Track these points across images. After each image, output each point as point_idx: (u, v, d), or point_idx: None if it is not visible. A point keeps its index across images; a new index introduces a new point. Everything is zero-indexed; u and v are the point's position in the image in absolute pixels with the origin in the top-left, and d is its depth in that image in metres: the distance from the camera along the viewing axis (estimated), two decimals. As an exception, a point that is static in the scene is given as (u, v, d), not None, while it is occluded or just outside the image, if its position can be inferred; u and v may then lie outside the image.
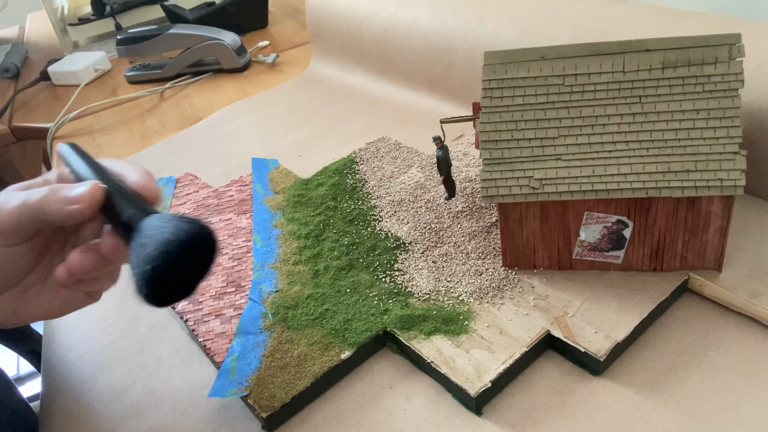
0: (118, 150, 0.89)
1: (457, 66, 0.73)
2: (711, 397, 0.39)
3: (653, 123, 0.42)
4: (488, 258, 0.50)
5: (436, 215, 0.56)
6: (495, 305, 0.46)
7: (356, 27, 0.87)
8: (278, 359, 0.45)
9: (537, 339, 0.43)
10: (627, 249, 0.46)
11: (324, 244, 0.55)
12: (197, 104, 0.98)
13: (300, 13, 1.31)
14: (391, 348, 0.47)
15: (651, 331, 0.44)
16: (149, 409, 0.46)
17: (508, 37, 0.66)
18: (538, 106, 0.44)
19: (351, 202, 0.60)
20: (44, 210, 0.36)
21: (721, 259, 0.45)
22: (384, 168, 0.65)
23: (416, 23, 0.77)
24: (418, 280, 0.49)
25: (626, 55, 0.42)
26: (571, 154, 0.43)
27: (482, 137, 0.45)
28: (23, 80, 1.23)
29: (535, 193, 0.44)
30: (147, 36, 1.08)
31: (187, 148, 0.82)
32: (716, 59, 0.41)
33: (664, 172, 0.41)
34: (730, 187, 0.40)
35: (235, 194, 0.66)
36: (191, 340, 0.51)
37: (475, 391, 0.40)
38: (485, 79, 0.45)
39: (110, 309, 0.57)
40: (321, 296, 0.50)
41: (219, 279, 0.54)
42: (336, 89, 0.89)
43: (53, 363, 0.53)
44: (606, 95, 0.43)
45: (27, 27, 1.67)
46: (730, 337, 0.42)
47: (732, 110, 0.41)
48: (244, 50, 1.08)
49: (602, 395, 0.40)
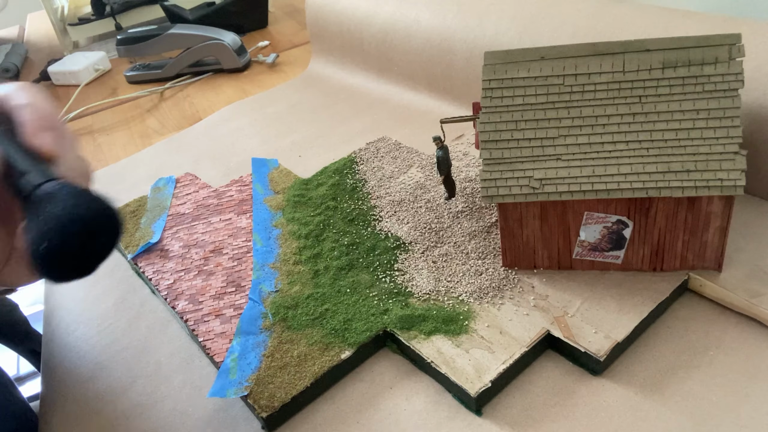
0: (118, 150, 0.89)
1: (457, 66, 0.73)
2: (711, 397, 0.39)
3: (653, 123, 0.42)
4: (488, 258, 0.50)
5: (436, 215, 0.56)
6: (495, 305, 0.46)
7: (356, 27, 0.87)
8: (278, 359, 0.45)
9: (537, 339, 0.43)
10: (627, 249, 0.46)
11: (324, 244, 0.55)
12: (197, 104, 0.98)
13: (300, 13, 1.31)
14: (391, 348, 0.47)
15: (651, 331, 0.44)
16: (149, 409, 0.46)
17: (508, 38, 0.66)
18: (538, 106, 0.44)
19: (351, 202, 0.60)
20: None
21: (721, 259, 0.45)
22: (384, 168, 0.65)
23: (416, 23, 0.77)
24: (418, 280, 0.49)
25: (626, 55, 0.42)
26: (571, 154, 0.43)
27: (482, 137, 0.45)
28: (23, 80, 1.23)
29: (535, 193, 0.44)
30: (147, 36, 1.08)
31: (187, 148, 0.82)
32: (716, 59, 0.41)
33: (664, 172, 0.41)
34: (730, 187, 0.40)
35: (235, 194, 0.66)
36: (191, 340, 0.51)
37: (475, 391, 0.40)
38: (485, 79, 0.45)
39: (110, 309, 0.57)
40: (321, 296, 0.50)
41: (219, 279, 0.54)
42: (336, 89, 0.89)
43: (53, 363, 0.53)
44: (606, 95, 0.43)
45: (27, 27, 1.67)
46: (730, 337, 0.42)
47: (732, 110, 0.41)
48: (244, 50, 1.08)
49: (602, 395, 0.40)
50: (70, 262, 0.30)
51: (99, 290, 0.60)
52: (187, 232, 0.61)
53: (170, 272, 0.56)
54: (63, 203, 0.30)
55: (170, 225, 0.63)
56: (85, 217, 0.30)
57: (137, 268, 0.59)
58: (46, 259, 0.29)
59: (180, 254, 0.58)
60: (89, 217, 0.30)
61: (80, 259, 0.30)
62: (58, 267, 0.30)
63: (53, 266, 0.30)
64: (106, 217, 0.31)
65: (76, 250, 0.30)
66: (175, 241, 0.60)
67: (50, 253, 0.29)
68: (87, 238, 0.30)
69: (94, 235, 0.30)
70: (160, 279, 0.56)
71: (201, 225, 0.62)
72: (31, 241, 0.29)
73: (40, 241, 0.29)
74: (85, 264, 0.31)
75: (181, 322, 0.52)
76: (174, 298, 0.53)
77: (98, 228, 0.30)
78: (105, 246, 0.31)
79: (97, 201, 0.31)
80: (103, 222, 0.31)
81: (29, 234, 0.29)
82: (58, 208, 0.29)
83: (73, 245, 0.29)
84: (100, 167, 0.84)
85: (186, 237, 0.60)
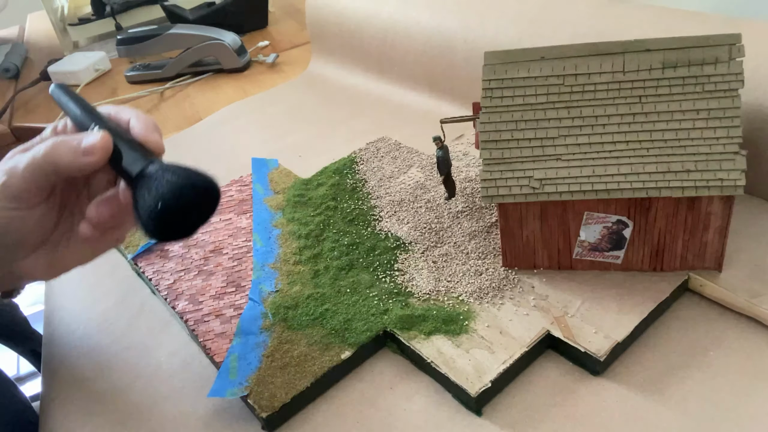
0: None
1: (457, 66, 0.73)
2: (711, 397, 0.39)
3: (653, 123, 0.42)
4: (488, 258, 0.50)
5: (436, 215, 0.56)
6: (495, 305, 0.46)
7: (356, 27, 0.87)
8: (278, 359, 0.45)
9: (537, 339, 0.43)
10: (627, 249, 0.46)
11: (324, 244, 0.55)
12: (197, 104, 0.98)
13: (300, 13, 1.31)
14: (391, 348, 0.47)
15: (651, 331, 0.44)
16: (149, 409, 0.46)
17: (508, 38, 0.66)
18: (538, 106, 0.44)
19: (351, 202, 0.60)
20: (56, 163, 0.37)
21: (721, 259, 0.45)
22: (384, 168, 0.65)
23: (416, 23, 0.77)
24: (418, 280, 0.49)
25: (626, 55, 0.42)
26: (571, 154, 0.43)
27: (482, 137, 0.45)
28: (23, 80, 1.23)
29: (535, 193, 0.44)
30: (147, 36, 1.08)
31: (187, 148, 0.82)
32: (716, 59, 0.41)
33: (664, 172, 0.41)
34: (730, 187, 0.40)
35: (235, 194, 0.66)
36: (191, 340, 0.52)
37: (475, 391, 0.40)
38: (485, 79, 0.45)
39: (110, 309, 0.57)
40: (321, 296, 0.50)
41: (219, 279, 0.54)
42: (336, 89, 0.89)
43: (53, 363, 0.53)
44: (606, 95, 0.43)
45: (27, 27, 1.67)
46: (730, 337, 0.42)
47: (732, 110, 0.41)
48: (244, 50, 1.08)
49: (602, 395, 0.40)
50: (180, 221, 0.35)
51: (99, 290, 0.60)
52: (187, 232, 0.61)
53: (170, 272, 0.56)
54: (176, 174, 0.34)
55: (170, 225, 0.63)
56: (196, 183, 0.35)
57: (137, 268, 0.59)
58: (161, 218, 0.34)
59: (180, 254, 0.58)
60: (198, 184, 0.35)
61: (189, 220, 0.35)
62: (171, 225, 0.35)
63: (166, 225, 0.34)
64: (211, 187, 0.36)
65: (188, 211, 0.35)
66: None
67: (166, 210, 0.33)
68: (196, 202, 0.35)
69: (201, 200, 0.35)
70: (160, 279, 0.56)
71: (201, 225, 0.62)
72: (147, 206, 0.34)
73: (155, 202, 0.33)
74: (191, 225, 0.36)
75: (181, 322, 0.52)
76: (174, 298, 0.53)
77: (205, 195, 0.35)
78: (208, 210, 0.36)
79: (203, 175, 0.36)
80: (209, 190, 0.36)
81: (143, 201, 0.34)
82: (173, 176, 0.34)
83: (187, 204, 0.34)
84: (100, 167, 0.84)
85: (186, 237, 0.60)
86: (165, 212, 0.33)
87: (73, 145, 0.36)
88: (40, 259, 0.40)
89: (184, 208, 0.34)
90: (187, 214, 0.35)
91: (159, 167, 0.35)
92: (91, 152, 0.36)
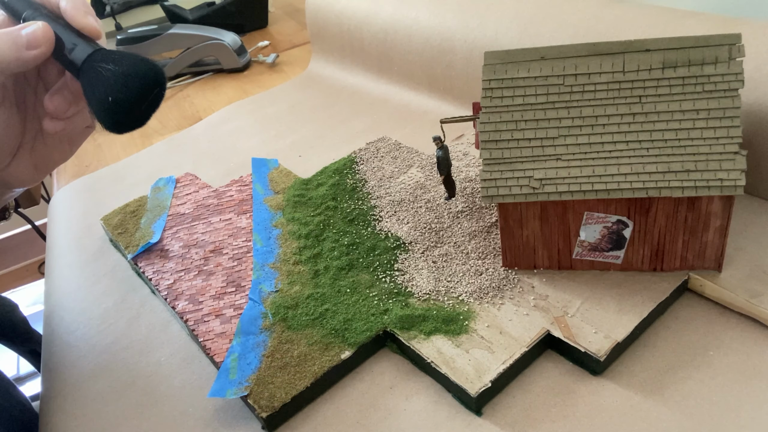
0: (118, 150, 0.89)
1: (457, 66, 0.73)
2: (711, 397, 0.39)
3: (653, 123, 0.42)
4: (488, 258, 0.50)
5: (436, 215, 0.56)
6: (495, 305, 0.46)
7: (356, 27, 0.87)
8: (278, 359, 0.45)
9: (537, 339, 0.43)
10: (627, 249, 0.46)
11: (324, 244, 0.55)
12: (197, 104, 0.98)
13: (300, 13, 1.31)
14: (391, 348, 0.47)
15: (651, 331, 0.44)
16: (149, 409, 0.46)
17: (508, 37, 0.66)
18: (538, 106, 0.44)
19: (351, 202, 0.60)
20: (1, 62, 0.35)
21: (721, 259, 0.45)
22: (384, 168, 0.65)
23: (416, 23, 0.77)
24: (418, 280, 0.50)
25: (626, 55, 0.42)
26: (571, 154, 0.43)
27: (482, 137, 0.45)
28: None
29: (535, 193, 0.44)
30: (147, 36, 1.08)
31: (187, 148, 0.82)
32: (716, 59, 0.41)
33: (664, 172, 0.41)
34: (730, 187, 0.40)
35: (235, 194, 0.66)
36: (191, 340, 0.52)
37: (475, 391, 0.40)
38: (485, 79, 0.45)
39: (110, 309, 0.57)
40: (321, 296, 0.50)
41: (219, 279, 0.54)
42: (336, 89, 0.89)
43: (53, 363, 0.53)
44: (606, 95, 0.43)
45: (27, 27, 1.67)
46: (730, 337, 0.42)
47: (732, 110, 0.41)
48: (244, 50, 1.08)
49: (602, 395, 0.40)
50: (133, 111, 0.35)
51: (99, 290, 0.60)
52: (187, 232, 0.61)
53: (170, 272, 0.56)
54: (120, 64, 0.34)
55: (170, 225, 0.63)
56: (142, 71, 0.35)
57: (137, 268, 0.59)
58: (114, 110, 0.34)
59: (180, 254, 0.58)
60: (145, 72, 0.35)
61: (141, 108, 0.36)
62: (125, 116, 0.35)
63: (120, 116, 0.35)
64: (157, 72, 0.36)
65: (139, 99, 0.35)
66: (175, 241, 0.60)
67: (118, 104, 0.34)
68: (145, 90, 0.35)
69: (150, 87, 0.35)
70: (160, 279, 0.56)
71: (201, 225, 0.62)
72: (97, 99, 0.34)
73: (106, 95, 0.34)
74: (144, 113, 0.36)
75: (181, 322, 0.52)
76: (174, 298, 0.53)
77: (153, 81, 0.36)
78: (157, 97, 0.36)
79: (147, 60, 0.36)
80: (155, 76, 0.36)
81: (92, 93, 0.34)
82: (119, 67, 0.34)
83: (136, 96, 0.35)
84: (100, 167, 0.84)
85: (186, 237, 0.61)
86: (116, 105, 0.34)
87: (13, 39, 0.35)
88: (22, 162, 0.40)
89: (133, 100, 0.35)
90: (138, 104, 0.35)
91: (102, 56, 0.35)
92: (35, 45, 0.35)
